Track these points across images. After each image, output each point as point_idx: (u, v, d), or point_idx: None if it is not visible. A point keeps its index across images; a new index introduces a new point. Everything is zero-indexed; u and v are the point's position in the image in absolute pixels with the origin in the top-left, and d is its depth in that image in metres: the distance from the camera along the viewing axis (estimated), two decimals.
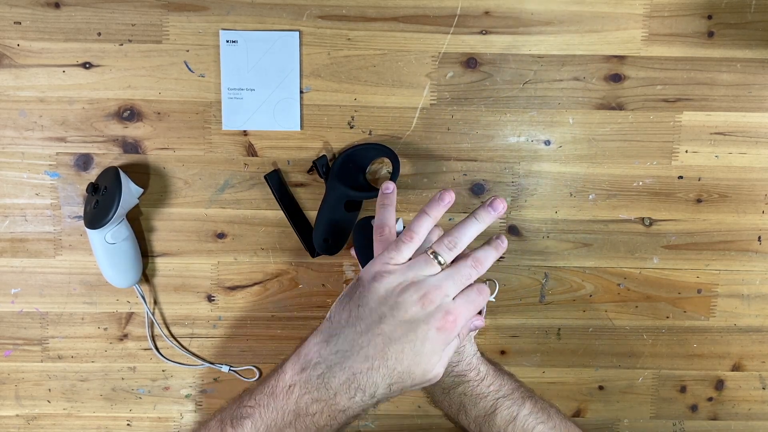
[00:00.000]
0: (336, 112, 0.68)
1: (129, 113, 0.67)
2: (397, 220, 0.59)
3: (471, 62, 0.68)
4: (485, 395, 0.58)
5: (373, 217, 0.61)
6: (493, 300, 0.58)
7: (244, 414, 0.52)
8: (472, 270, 0.54)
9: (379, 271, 0.53)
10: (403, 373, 0.51)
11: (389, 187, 0.60)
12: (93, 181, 0.67)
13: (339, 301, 0.54)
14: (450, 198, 0.57)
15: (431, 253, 0.54)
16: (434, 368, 0.52)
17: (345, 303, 0.53)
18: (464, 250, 0.56)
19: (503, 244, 0.57)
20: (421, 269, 0.53)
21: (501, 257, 0.70)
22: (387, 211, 0.59)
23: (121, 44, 0.66)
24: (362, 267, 0.61)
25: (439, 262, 0.54)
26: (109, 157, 0.68)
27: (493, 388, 0.58)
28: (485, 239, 0.58)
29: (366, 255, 0.60)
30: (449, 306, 0.52)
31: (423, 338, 0.51)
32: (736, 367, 0.74)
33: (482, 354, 0.60)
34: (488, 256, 0.56)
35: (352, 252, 0.64)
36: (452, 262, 0.55)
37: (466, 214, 0.69)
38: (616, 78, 0.68)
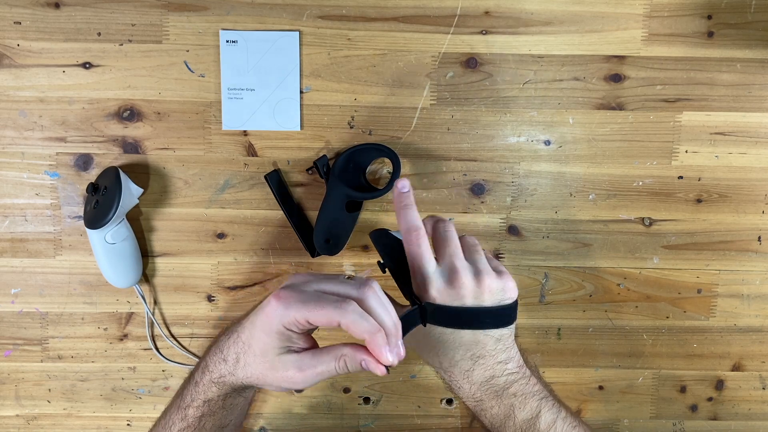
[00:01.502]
0: (336, 112, 0.68)
1: (129, 113, 0.67)
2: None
3: (471, 62, 0.68)
4: (532, 395, 0.55)
5: (384, 229, 0.59)
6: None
7: None
8: (352, 286, 0.48)
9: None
10: (245, 344, 0.51)
11: (405, 185, 0.56)
12: (93, 181, 0.67)
13: None
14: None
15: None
16: (270, 356, 0.49)
17: None
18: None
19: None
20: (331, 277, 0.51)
21: (501, 255, 0.70)
22: (411, 212, 0.55)
23: (121, 44, 0.66)
24: (401, 289, 0.57)
25: (349, 276, 0.52)
26: (109, 157, 0.68)
27: (537, 388, 0.55)
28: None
29: (396, 264, 0.57)
30: (292, 287, 0.49)
31: (261, 308, 0.50)
32: (736, 367, 0.74)
33: (523, 351, 0.57)
34: (373, 297, 0.48)
35: (378, 263, 0.59)
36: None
37: (467, 214, 0.70)
38: (616, 78, 0.68)
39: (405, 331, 0.51)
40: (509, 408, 0.55)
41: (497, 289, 0.54)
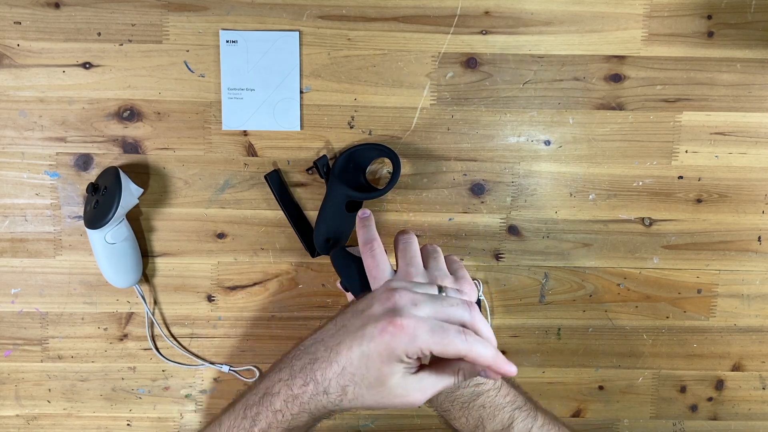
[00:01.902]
0: (336, 112, 0.68)
1: (129, 113, 0.67)
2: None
3: (471, 62, 0.68)
4: (503, 406, 0.55)
5: (345, 247, 0.61)
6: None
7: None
8: (463, 308, 0.49)
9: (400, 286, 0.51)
10: (356, 376, 0.47)
11: (366, 212, 0.61)
12: (93, 181, 0.67)
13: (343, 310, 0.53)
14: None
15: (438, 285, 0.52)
16: (389, 383, 0.47)
17: (350, 306, 0.52)
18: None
19: (457, 263, 0.54)
20: (422, 287, 0.51)
21: (501, 255, 0.70)
22: (369, 228, 0.58)
23: (121, 44, 0.66)
24: (354, 296, 0.60)
25: (439, 288, 0.51)
26: (109, 157, 0.68)
27: (509, 399, 0.56)
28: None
29: (353, 281, 0.60)
30: (407, 313, 0.46)
31: (369, 337, 0.46)
32: (736, 367, 0.74)
33: None
34: (480, 319, 0.49)
35: (339, 284, 0.64)
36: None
37: (467, 214, 0.70)
38: (616, 78, 0.68)
39: None
40: (478, 419, 0.55)
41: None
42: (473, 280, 0.55)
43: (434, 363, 0.49)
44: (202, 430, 0.56)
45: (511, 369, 0.48)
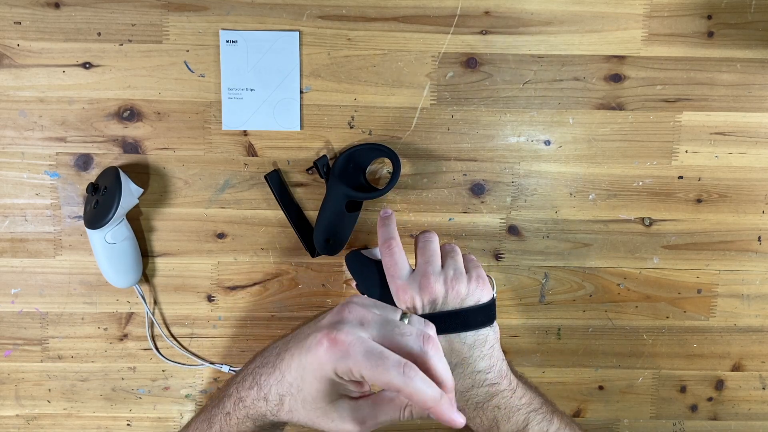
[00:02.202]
0: (336, 112, 0.68)
1: (129, 113, 0.67)
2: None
3: (471, 62, 0.68)
4: (518, 408, 0.55)
5: (359, 249, 0.61)
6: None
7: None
8: (415, 339, 0.44)
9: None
10: (292, 387, 0.46)
11: (388, 211, 0.61)
12: (93, 181, 0.67)
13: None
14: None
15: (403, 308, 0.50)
16: (323, 403, 0.45)
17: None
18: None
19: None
20: (383, 308, 0.47)
21: (501, 255, 0.70)
22: (389, 227, 0.58)
23: (121, 44, 0.66)
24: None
25: (402, 313, 0.47)
26: (109, 157, 0.68)
27: (525, 401, 0.55)
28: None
29: (370, 283, 0.60)
30: (348, 329, 0.43)
31: (308, 347, 0.44)
32: (736, 367, 0.74)
33: (510, 364, 0.57)
34: (435, 355, 0.45)
35: (355, 287, 0.64)
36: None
37: (466, 214, 0.70)
38: (616, 78, 0.68)
39: None
40: (492, 420, 0.54)
41: (466, 293, 0.54)
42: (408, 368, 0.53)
43: (380, 397, 0.46)
44: None
45: (455, 418, 0.43)
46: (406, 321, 0.46)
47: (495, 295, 0.58)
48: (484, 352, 0.54)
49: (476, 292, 0.56)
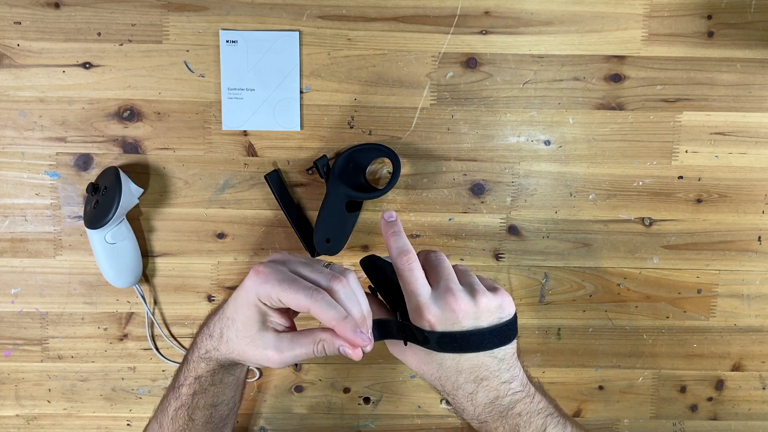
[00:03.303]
0: (336, 112, 0.68)
1: (129, 113, 0.67)
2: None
3: (471, 62, 0.68)
4: (537, 413, 0.54)
5: (373, 255, 0.59)
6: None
7: None
8: (324, 275, 0.50)
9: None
10: (229, 319, 0.52)
11: (392, 214, 0.57)
12: (93, 181, 0.67)
13: None
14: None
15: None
16: (251, 332, 0.51)
17: None
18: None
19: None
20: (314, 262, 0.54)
21: (501, 255, 0.70)
22: (401, 237, 0.55)
23: (121, 44, 0.66)
24: (392, 309, 0.57)
25: (328, 264, 0.54)
26: (109, 157, 0.68)
27: (543, 405, 0.55)
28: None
29: (391, 293, 0.56)
30: (270, 264, 0.51)
31: (241, 284, 0.51)
32: (736, 367, 0.74)
33: (525, 368, 0.57)
34: (344, 290, 0.50)
35: (368, 289, 0.59)
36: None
37: (466, 214, 0.70)
38: (616, 78, 0.68)
39: (384, 335, 0.53)
40: (514, 428, 0.54)
41: (494, 307, 0.54)
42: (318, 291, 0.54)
43: (300, 332, 0.51)
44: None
45: (357, 338, 0.48)
46: (327, 267, 0.52)
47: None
48: (510, 363, 0.54)
49: (504, 307, 0.54)
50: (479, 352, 0.53)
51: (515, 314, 0.55)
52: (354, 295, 0.51)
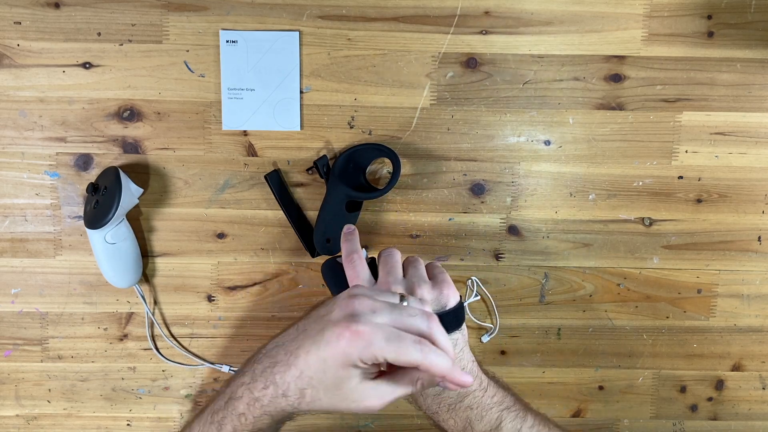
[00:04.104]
0: (336, 112, 0.68)
1: (129, 113, 0.67)
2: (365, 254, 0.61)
3: (471, 62, 0.68)
4: (490, 407, 0.56)
5: (331, 259, 0.63)
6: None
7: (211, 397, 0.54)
8: (421, 319, 0.49)
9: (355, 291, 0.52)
10: (313, 380, 0.48)
11: (350, 227, 0.62)
12: (93, 181, 0.67)
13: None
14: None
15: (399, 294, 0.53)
16: (345, 387, 0.48)
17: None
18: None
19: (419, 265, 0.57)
20: (383, 294, 0.51)
21: (501, 255, 0.70)
22: (352, 242, 0.60)
23: (121, 44, 0.66)
24: None
25: (401, 295, 0.52)
26: (109, 157, 0.68)
27: (497, 399, 0.56)
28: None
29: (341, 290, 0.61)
30: (365, 320, 0.47)
31: (327, 341, 0.47)
32: (736, 367, 0.74)
33: (480, 364, 0.59)
34: (438, 330, 0.50)
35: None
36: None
37: (466, 214, 0.70)
38: (616, 78, 0.68)
39: None
40: (465, 420, 0.55)
41: (431, 298, 0.56)
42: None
43: (393, 371, 0.50)
44: None
45: (465, 380, 0.48)
46: (405, 303, 0.51)
47: (462, 299, 0.59)
48: (457, 355, 0.55)
49: (441, 297, 0.57)
50: None
51: (460, 303, 0.56)
52: (444, 332, 0.50)
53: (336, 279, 0.62)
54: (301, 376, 0.49)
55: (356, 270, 0.58)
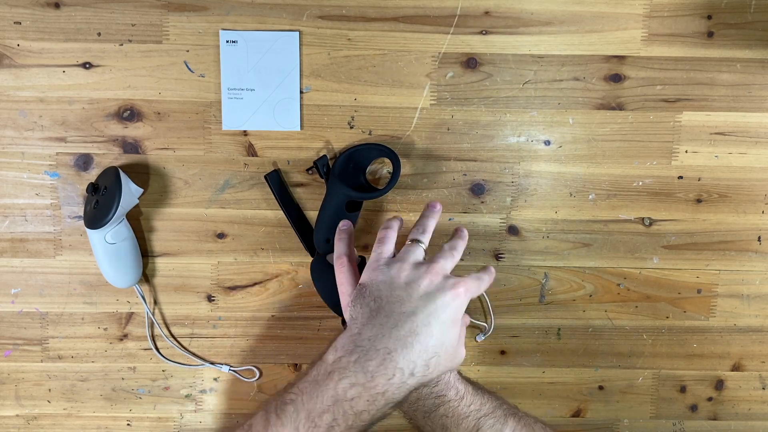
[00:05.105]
0: (336, 112, 0.68)
1: (129, 113, 0.67)
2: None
3: (471, 62, 0.68)
4: (466, 415, 0.56)
5: (320, 257, 0.65)
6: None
7: (287, 400, 0.52)
8: (451, 252, 0.59)
9: (375, 268, 0.57)
10: (437, 347, 0.53)
11: (346, 223, 0.64)
12: (93, 181, 0.67)
13: (353, 306, 0.56)
14: (397, 220, 0.63)
15: (410, 240, 0.59)
16: (460, 343, 0.56)
17: (359, 304, 0.55)
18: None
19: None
20: (409, 254, 0.57)
21: (501, 255, 0.70)
22: (342, 243, 0.62)
23: (121, 44, 0.66)
24: (328, 305, 0.66)
25: (420, 241, 0.59)
26: (109, 157, 0.68)
27: (474, 407, 0.57)
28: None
29: (328, 292, 0.65)
30: (453, 277, 0.56)
31: (443, 307, 0.54)
32: (736, 367, 0.74)
33: (460, 374, 0.59)
34: (458, 244, 0.60)
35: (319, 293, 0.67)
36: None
37: (466, 214, 0.70)
38: (616, 78, 0.68)
39: None
40: (442, 427, 0.57)
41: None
42: (488, 266, 0.61)
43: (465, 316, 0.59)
44: None
45: (493, 273, 0.61)
46: (422, 245, 0.59)
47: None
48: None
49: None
50: None
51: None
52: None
53: (323, 278, 0.65)
54: (425, 349, 0.53)
55: (344, 275, 0.60)
